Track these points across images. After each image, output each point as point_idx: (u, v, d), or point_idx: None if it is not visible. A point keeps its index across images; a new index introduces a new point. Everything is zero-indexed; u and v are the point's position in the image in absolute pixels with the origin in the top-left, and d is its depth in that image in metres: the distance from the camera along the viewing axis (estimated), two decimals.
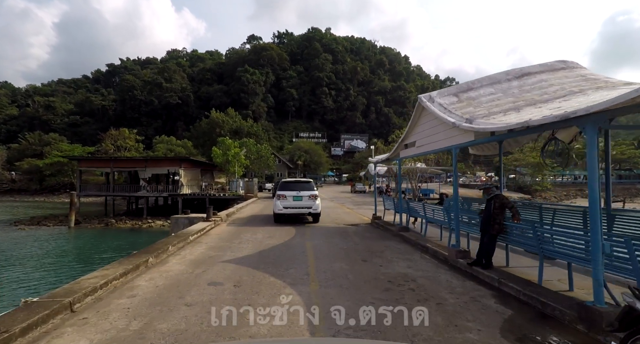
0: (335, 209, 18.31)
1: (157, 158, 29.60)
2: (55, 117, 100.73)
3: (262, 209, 18.15)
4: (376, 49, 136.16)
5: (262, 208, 18.53)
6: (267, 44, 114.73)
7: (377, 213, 12.58)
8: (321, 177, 74.94)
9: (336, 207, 20.03)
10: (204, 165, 33.52)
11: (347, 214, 16.25)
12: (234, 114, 51.65)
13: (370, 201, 23.48)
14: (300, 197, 11.72)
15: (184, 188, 28.28)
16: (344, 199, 26.84)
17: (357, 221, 12.95)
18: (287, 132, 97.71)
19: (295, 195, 11.72)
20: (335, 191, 45.17)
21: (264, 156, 42.15)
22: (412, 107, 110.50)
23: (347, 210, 18.27)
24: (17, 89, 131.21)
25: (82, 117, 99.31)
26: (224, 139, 32.36)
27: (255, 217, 14.81)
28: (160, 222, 26.07)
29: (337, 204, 22.05)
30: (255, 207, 19.47)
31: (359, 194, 37.17)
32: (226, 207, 22.97)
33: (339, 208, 19.29)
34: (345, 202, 23.22)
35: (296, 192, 11.75)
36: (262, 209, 18.15)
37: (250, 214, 15.87)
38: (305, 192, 11.80)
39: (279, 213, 11.84)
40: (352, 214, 16.00)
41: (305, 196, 11.73)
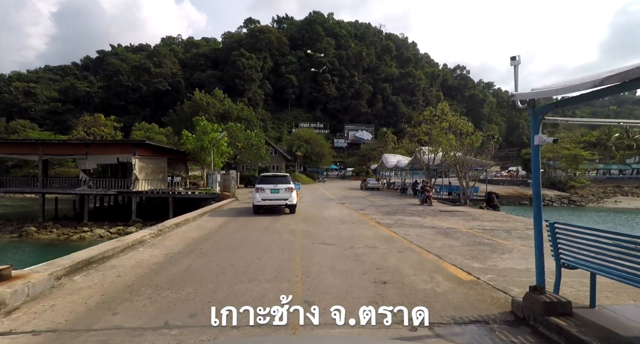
0: (356, 229, 9.41)
1: (102, 143, 22.01)
2: (35, 104, 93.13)
3: (234, 230, 9.65)
4: (382, 35, 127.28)
5: (234, 229, 9.58)
6: (265, 27, 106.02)
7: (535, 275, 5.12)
8: (323, 171, 67.20)
9: (357, 221, 10.82)
10: (173, 153, 25.92)
11: (396, 249, 6.66)
12: (221, 95, 43.82)
13: (401, 205, 15.95)
14: (277, 190, 12.26)
15: (139, 183, 20.75)
16: (360, 201, 19.23)
17: (443, 286, 4.30)
18: (287, 122, 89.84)
19: (273, 188, 12.30)
20: (341, 187, 37.52)
21: (255, 144, 34.45)
22: (422, 95, 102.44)
23: (383, 232, 9.02)
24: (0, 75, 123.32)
25: (64, 105, 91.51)
26: (199, 119, 24.71)
27: (207, 242, 7.27)
28: (100, 231, 18.67)
29: (356, 214, 12.78)
30: (217, 223, 11.92)
31: (373, 191, 29.57)
32: (194, 208, 15.71)
33: (365, 226, 10.00)
34: (365, 207, 15.11)
35: (273, 186, 12.32)
36: (234, 230, 9.65)
37: (202, 235, 8.36)
38: (281, 185, 12.33)
39: (258, 205, 12.37)
40: (409, 254, 6.30)
41: (282, 189, 12.26)
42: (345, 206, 16.11)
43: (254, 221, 10.97)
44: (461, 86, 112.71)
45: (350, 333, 2.93)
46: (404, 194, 25.18)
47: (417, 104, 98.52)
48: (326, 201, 18.76)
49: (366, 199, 20.16)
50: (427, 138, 22.09)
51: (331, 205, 16.38)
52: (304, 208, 14.88)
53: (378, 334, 2.93)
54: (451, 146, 17.20)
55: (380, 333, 2.93)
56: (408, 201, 18.96)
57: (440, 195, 21.68)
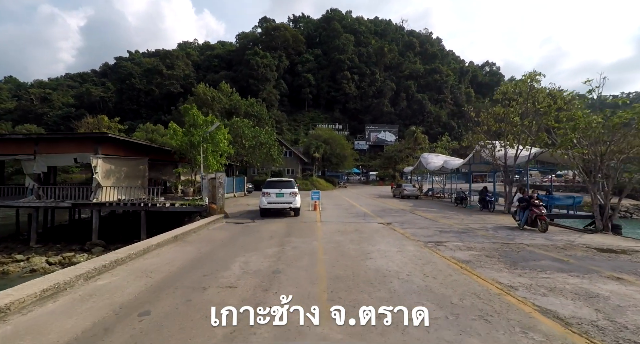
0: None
1: (53, 137, 16.56)
2: (50, 110, 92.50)
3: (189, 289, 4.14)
4: (403, 31, 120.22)
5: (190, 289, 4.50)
6: (280, 24, 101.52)
7: None
8: (344, 176, 60.72)
9: (491, 312, 3.74)
10: (158, 153, 20.39)
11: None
12: (228, 89, 38.48)
13: (494, 230, 9.00)
14: (282, 194, 12.83)
15: (103, 192, 15.20)
16: (411, 219, 12.69)
17: None
18: (303, 123, 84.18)
19: (278, 192, 12.85)
20: (369, 194, 31.03)
21: (265, 143, 28.65)
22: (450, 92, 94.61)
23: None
24: (22, 84, 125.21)
25: (77, 110, 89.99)
26: (187, 107, 19.09)
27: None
28: (39, 261, 13.22)
29: (446, 264, 5.83)
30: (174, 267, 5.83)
31: (413, 201, 22.93)
32: (176, 225, 10.34)
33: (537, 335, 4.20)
34: (442, 240, 7.95)
35: (278, 190, 12.89)
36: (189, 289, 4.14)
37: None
38: (286, 190, 12.93)
39: (264, 208, 12.79)
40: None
41: (286, 193, 12.83)
42: (396, 231, 9.68)
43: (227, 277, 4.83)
44: (493, 83, 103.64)
45: None
46: (461, 205, 18.47)
47: (445, 102, 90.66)
48: (360, 219, 12.45)
49: (419, 216, 13.66)
50: (502, 126, 15.37)
51: (374, 229, 10.02)
52: (328, 235, 8.65)
53: None
54: (588, 134, 10.14)
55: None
56: (490, 220, 12.36)
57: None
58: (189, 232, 8.92)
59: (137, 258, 6.33)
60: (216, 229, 10.03)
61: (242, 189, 27.16)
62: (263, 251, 6.79)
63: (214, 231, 9.59)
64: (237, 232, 9.40)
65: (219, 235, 8.93)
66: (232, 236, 8.69)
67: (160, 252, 6.75)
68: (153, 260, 6.21)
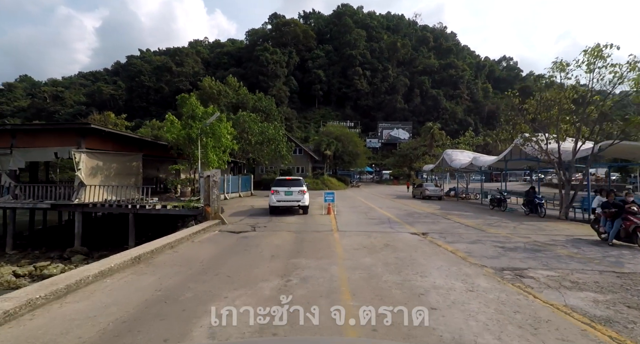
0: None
1: (31, 129, 14.72)
2: (62, 108, 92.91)
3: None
4: (416, 26, 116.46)
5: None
6: (290, 20, 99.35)
7: None
8: (356, 174, 58.13)
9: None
10: (154, 148, 18.42)
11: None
12: (235, 83, 36.49)
13: (575, 252, 6.09)
14: (291, 192, 12.98)
15: (86, 191, 13.27)
16: (447, 228, 10.19)
17: None
18: (314, 121, 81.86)
19: (287, 190, 13.02)
20: (385, 194, 28.54)
21: (273, 139, 26.49)
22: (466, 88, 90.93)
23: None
24: (36, 83, 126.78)
25: (88, 108, 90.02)
26: (184, 97, 17.05)
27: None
28: (5, 272, 11.31)
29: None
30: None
31: (437, 202, 20.41)
32: (171, 230, 9.24)
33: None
34: (509, 265, 5.57)
35: (287, 188, 13.07)
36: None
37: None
38: (295, 188, 13.10)
39: (274, 206, 12.97)
40: None
41: (295, 191, 13.00)
42: (442, 247, 7.29)
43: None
44: (511, 78, 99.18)
45: None
46: (499, 208, 15.86)
47: (461, 98, 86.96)
48: (386, 227, 10.09)
49: (456, 223, 11.21)
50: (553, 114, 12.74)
51: (409, 243, 7.65)
52: (350, 253, 6.33)
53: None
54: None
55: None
56: (551, 230, 9.83)
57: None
58: (163, 248, 6.72)
59: (47, 304, 3.84)
60: (203, 241, 7.84)
61: (249, 188, 25.03)
62: (257, 286, 4.53)
63: (199, 246, 7.38)
64: (228, 247, 7.20)
65: (202, 252, 6.71)
66: (220, 255, 6.47)
67: (95, 289, 4.40)
68: (72, 308, 3.77)
